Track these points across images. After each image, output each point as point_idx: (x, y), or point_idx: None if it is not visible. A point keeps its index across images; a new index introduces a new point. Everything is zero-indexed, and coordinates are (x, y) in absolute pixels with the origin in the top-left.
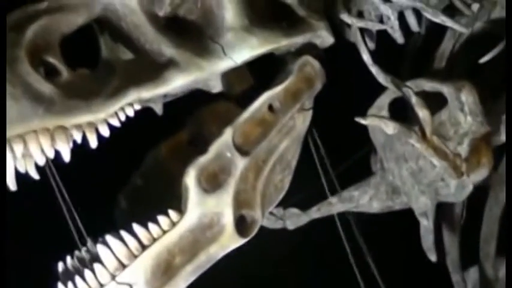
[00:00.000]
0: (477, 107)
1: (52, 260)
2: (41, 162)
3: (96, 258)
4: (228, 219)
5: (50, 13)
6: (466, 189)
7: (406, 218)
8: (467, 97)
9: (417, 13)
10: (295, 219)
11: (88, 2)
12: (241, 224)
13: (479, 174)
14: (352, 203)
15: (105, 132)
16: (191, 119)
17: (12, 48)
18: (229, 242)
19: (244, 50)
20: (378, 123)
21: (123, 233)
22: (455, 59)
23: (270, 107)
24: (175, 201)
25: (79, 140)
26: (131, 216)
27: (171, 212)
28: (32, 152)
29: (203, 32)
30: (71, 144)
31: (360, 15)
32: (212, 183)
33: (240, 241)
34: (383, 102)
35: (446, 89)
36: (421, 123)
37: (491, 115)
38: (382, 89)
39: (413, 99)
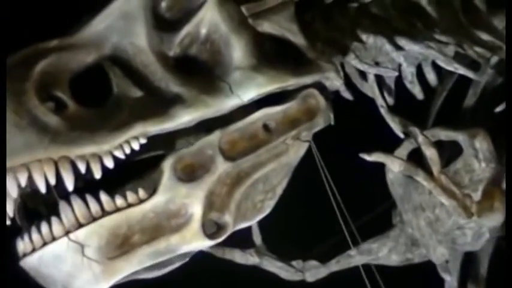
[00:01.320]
0: (491, 154)
1: None
2: (44, 190)
3: (56, 213)
4: (196, 213)
5: (59, 51)
6: (483, 237)
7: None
8: (482, 144)
9: (436, 69)
10: (314, 271)
11: (98, 41)
12: (210, 225)
13: (494, 219)
14: (371, 256)
15: (110, 163)
16: None
17: (20, 82)
18: (193, 237)
19: (251, 88)
20: (384, 159)
21: (87, 196)
22: (478, 112)
23: (265, 126)
24: (149, 183)
25: (83, 170)
26: None
27: (140, 190)
28: (35, 180)
29: (212, 70)
30: None
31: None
32: (188, 174)
33: (205, 242)
34: (401, 154)
35: (461, 137)
36: (428, 162)
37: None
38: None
39: (420, 138)
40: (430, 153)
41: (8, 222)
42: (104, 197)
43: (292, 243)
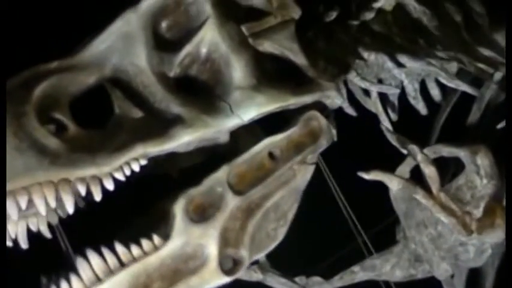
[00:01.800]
0: (492, 170)
1: None
2: (44, 212)
3: (74, 270)
4: (212, 252)
5: (60, 72)
6: (485, 253)
7: None
8: (483, 160)
9: (440, 84)
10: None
11: (98, 62)
12: (226, 262)
13: (495, 236)
14: (374, 272)
15: (110, 185)
16: None
17: (20, 104)
18: (211, 277)
19: (251, 108)
20: (382, 178)
21: (103, 248)
22: (481, 128)
23: (271, 154)
24: (162, 228)
25: (83, 192)
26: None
27: (155, 237)
28: (36, 203)
29: (212, 90)
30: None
31: (379, 83)
32: (200, 214)
33: (223, 279)
34: (404, 170)
35: (462, 153)
36: (427, 181)
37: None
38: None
39: (419, 157)
40: (429, 171)
41: (9, 244)
42: (119, 248)
43: (295, 259)
